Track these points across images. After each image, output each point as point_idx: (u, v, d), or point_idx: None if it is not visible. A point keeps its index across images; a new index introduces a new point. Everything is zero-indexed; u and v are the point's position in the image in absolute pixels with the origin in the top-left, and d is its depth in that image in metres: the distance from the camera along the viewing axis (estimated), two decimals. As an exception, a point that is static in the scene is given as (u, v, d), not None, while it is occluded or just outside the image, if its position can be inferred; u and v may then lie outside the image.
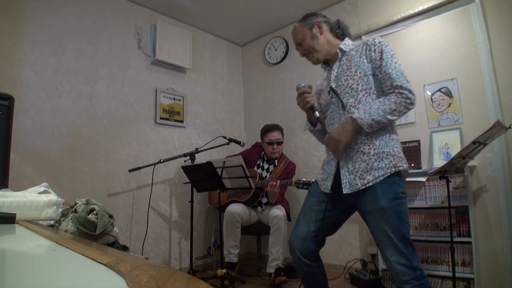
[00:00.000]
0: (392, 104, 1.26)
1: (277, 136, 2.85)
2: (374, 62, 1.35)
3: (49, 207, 1.19)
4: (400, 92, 1.26)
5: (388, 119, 1.26)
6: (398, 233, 1.23)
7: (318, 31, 1.52)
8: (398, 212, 1.25)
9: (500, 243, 2.01)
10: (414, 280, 1.21)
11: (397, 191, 1.27)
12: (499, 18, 2.16)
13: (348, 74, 1.40)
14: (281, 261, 2.49)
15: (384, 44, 1.36)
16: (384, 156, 1.30)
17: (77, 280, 0.43)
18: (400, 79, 1.27)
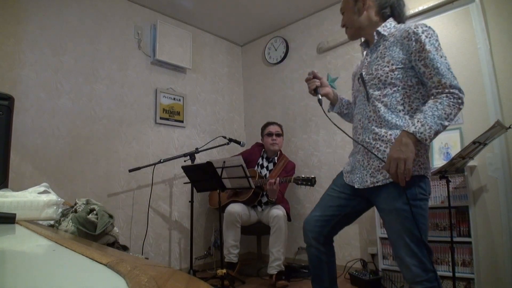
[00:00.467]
0: (446, 108, 1.12)
1: (276, 128, 2.90)
2: (412, 54, 1.21)
3: (49, 207, 1.20)
4: (451, 92, 1.13)
5: (445, 126, 1.13)
6: (413, 235, 1.18)
7: (362, 6, 1.36)
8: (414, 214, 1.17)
9: (500, 243, 2.01)
10: (426, 281, 1.17)
11: (415, 192, 1.19)
12: (499, 18, 2.16)
13: (380, 64, 1.29)
14: (282, 261, 2.49)
15: (428, 33, 1.20)
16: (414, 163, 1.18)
17: (77, 280, 0.43)
18: (449, 75, 1.16)
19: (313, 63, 3.18)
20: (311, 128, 3.18)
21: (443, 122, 1.12)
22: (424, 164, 1.23)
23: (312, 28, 3.24)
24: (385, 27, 1.33)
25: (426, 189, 1.22)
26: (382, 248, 2.40)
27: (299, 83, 3.30)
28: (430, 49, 1.17)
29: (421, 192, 1.20)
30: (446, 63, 1.18)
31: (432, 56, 1.17)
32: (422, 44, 1.18)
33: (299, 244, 3.09)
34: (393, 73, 1.25)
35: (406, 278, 1.22)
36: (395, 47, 1.26)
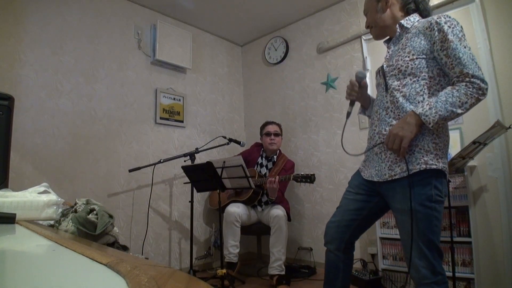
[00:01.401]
0: (463, 96, 1.11)
1: (274, 128, 2.90)
2: (434, 44, 1.19)
3: (49, 207, 1.19)
4: (471, 81, 1.11)
5: (457, 114, 1.13)
6: (425, 237, 1.17)
7: (384, 5, 1.36)
8: (428, 216, 1.16)
9: (500, 243, 2.01)
10: (434, 284, 1.16)
11: (430, 193, 1.16)
12: (499, 18, 2.16)
13: (401, 54, 1.27)
14: (283, 261, 2.49)
15: (451, 23, 1.17)
16: (417, 150, 1.19)
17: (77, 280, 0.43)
18: (472, 65, 1.12)
19: (313, 63, 3.18)
20: (311, 128, 3.18)
21: (455, 109, 1.11)
22: (443, 159, 1.19)
23: (312, 28, 3.25)
24: (408, 20, 1.31)
25: (442, 190, 1.19)
26: (382, 248, 2.40)
27: (299, 83, 3.30)
28: (453, 39, 1.15)
29: (437, 194, 1.17)
30: (470, 54, 1.14)
31: (454, 46, 1.14)
32: (445, 34, 1.16)
33: (299, 244, 3.09)
34: (413, 62, 1.22)
35: (414, 279, 1.21)
36: (417, 38, 1.24)
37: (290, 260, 3.00)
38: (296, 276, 2.66)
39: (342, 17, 3.01)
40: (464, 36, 1.17)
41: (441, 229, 2.17)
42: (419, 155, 1.18)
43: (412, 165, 1.18)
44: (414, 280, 1.21)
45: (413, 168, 1.18)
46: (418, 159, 1.18)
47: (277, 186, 2.49)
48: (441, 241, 2.08)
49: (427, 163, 1.17)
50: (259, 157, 2.95)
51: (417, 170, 1.17)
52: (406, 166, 1.17)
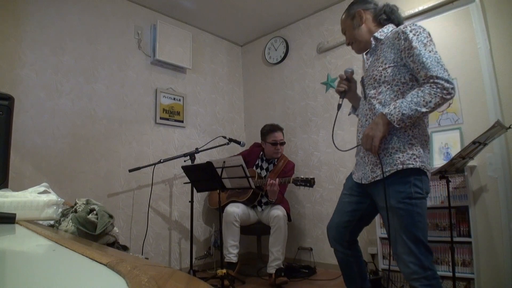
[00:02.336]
0: (427, 96, 1.18)
1: (281, 136, 2.86)
2: (402, 52, 1.27)
3: (49, 207, 1.19)
4: (435, 82, 1.18)
5: (421, 112, 1.19)
6: (409, 233, 1.22)
7: (359, 21, 1.46)
8: (410, 212, 1.22)
9: (500, 243, 2.01)
10: (423, 279, 1.21)
11: (409, 190, 1.23)
12: (499, 18, 2.16)
13: (376, 65, 1.37)
14: (281, 261, 2.49)
15: (416, 31, 1.25)
16: (393, 151, 1.27)
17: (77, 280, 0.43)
18: (436, 68, 1.19)
19: (313, 63, 3.18)
20: (311, 128, 3.18)
21: (419, 108, 1.18)
22: (420, 158, 1.25)
23: (312, 28, 3.24)
24: (381, 32, 1.41)
25: (423, 188, 1.25)
26: (382, 248, 2.40)
27: (299, 83, 3.30)
28: (417, 46, 1.23)
29: (417, 191, 1.24)
30: (435, 57, 1.21)
31: (418, 52, 1.22)
32: (410, 41, 1.24)
33: (299, 244, 3.09)
34: (386, 71, 1.32)
35: (404, 275, 1.26)
36: (388, 48, 1.33)
37: (290, 260, 3.00)
38: (296, 276, 2.66)
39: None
40: (430, 41, 1.25)
41: (441, 229, 2.18)
42: (396, 156, 1.26)
43: (390, 166, 1.27)
44: (405, 276, 1.26)
45: (391, 169, 1.26)
46: (395, 160, 1.26)
47: (277, 189, 2.50)
48: (441, 241, 2.11)
49: (404, 163, 1.24)
50: (258, 159, 2.94)
51: (395, 170, 1.25)
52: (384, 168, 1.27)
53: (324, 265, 2.88)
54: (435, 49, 1.23)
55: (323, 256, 2.92)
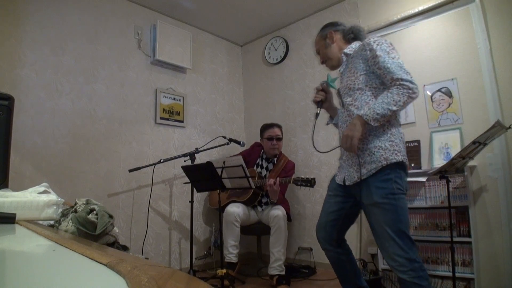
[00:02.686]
0: (395, 96, 1.32)
1: (277, 132, 2.87)
2: (368, 61, 1.44)
3: (49, 207, 1.19)
4: (401, 83, 1.32)
5: (392, 111, 1.32)
6: (394, 227, 1.32)
7: (330, 41, 1.65)
8: (394, 207, 1.32)
9: (500, 243, 2.01)
10: (411, 271, 1.29)
11: (392, 187, 1.34)
12: (499, 18, 2.16)
13: (348, 76, 1.53)
14: (282, 261, 2.49)
15: (378, 42, 1.43)
16: (376, 150, 1.39)
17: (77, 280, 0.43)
18: (400, 72, 1.34)
19: (313, 63, 3.18)
20: (311, 128, 3.18)
21: (390, 107, 1.32)
22: (401, 152, 1.39)
23: (312, 28, 3.24)
24: (350, 48, 1.59)
25: (403, 185, 1.37)
26: (382, 248, 2.40)
27: (299, 83, 3.30)
28: (381, 54, 1.39)
29: (398, 188, 1.35)
30: (398, 62, 1.37)
31: (382, 59, 1.38)
32: (374, 51, 1.41)
33: (299, 244, 3.09)
34: (357, 79, 1.47)
35: (392, 268, 1.34)
36: (357, 59, 1.50)
37: (290, 260, 3.00)
38: (296, 276, 2.66)
39: (342, 17, 3.01)
40: (392, 49, 1.42)
41: (441, 229, 2.19)
42: (379, 154, 1.38)
43: (375, 164, 1.38)
44: (393, 269, 1.35)
45: (376, 166, 1.37)
46: (379, 157, 1.37)
47: (277, 189, 2.49)
48: (441, 241, 2.11)
49: (387, 159, 1.36)
50: (259, 158, 2.95)
51: (380, 167, 1.36)
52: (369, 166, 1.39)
53: (324, 265, 2.88)
54: (397, 56, 1.40)
55: (323, 256, 2.89)
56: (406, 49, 2.57)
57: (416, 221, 2.26)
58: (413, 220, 2.27)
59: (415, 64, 2.50)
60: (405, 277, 1.30)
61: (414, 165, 2.38)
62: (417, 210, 2.26)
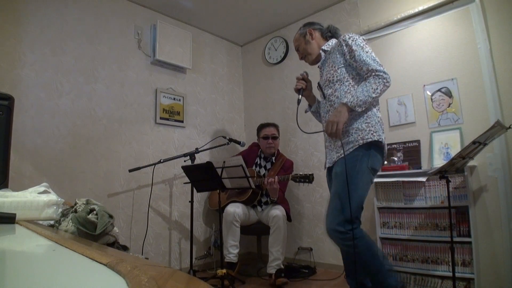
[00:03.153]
0: (373, 84, 1.50)
1: (272, 131, 2.88)
2: (345, 55, 1.61)
3: (49, 207, 1.19)
4: (376, 74, 1.50)
5: (372, 97, 1.50)
6: (342, 197, 1.48)
7: (310, 37, 1.81)
8: (350, 179, 1.48)
9: (500, 243, 2.01)
10: (341, 239, 1.48)
11: (355, 164, 1.51)
12: (499, 18, 2.16)
13: (328, 70, 1.69)
14: (281, 261, 2.49)
15: (353, 38, 1.60)
16: (354, 131, 1.55)
17: (77, 280, 0.43)
18: (374, 63, 1.52)
19: (313, 63, 3.18)
20: (310, 128, 3.17)
21: (370, 94, 1.49)
22: (377, 133, 1.54)
23: (312, 28, 3.24)
24: (328, 45, 1.76)
25: (369, 163, 1.51)
26: (382, 248, 2.40)
27: (299, 83, 3.29)
28: (356, 49, 1.57)
29: (364, 165, 1.51)
30: (371, 56, 1.55)
31: (358, 53, 1.56)
32: (350, 46, 1.59)
33: (299, 244, 3.09)
34: (336, 72, 1.64)
35: (326, 227, 1.53)
36: (335, 54, 1.67)
37: (290, 260, 3.00)
38: (296, 276, 2.66)
39: (342, 17, 3.01)
40: (365, 44, 1.59)
41: (441, 229, 2.20)
42: (356, 134, 1.54)
43: (352, 143, 1.54)
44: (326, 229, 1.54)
45: (354, 145, 1.53)
46: (356, 137, 1.53)
47: (277, 186, 2.50)
48: (441, 241, 2.12)
49: (364, 138, 1.52)
50: (257, 158, 2.95)
51: (357, 146, 1.52)
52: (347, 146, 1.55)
53: (324, 265, 2.88)
54: (370, 50, 1.58)
55: (323, 256, 2.92)
56: (406, 49, 2.57)
57: (416, 221, 2.26)
58: (413, 220, 2.28)
59: (415, 64, 2.51)
60: (338, 242, 1.51)
61: (414, 165, 2.38)
62: (417, 210, 2.26)
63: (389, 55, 2.66)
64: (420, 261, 2.21)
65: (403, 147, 2.49)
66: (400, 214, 2.34)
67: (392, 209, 2.37)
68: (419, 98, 2.47)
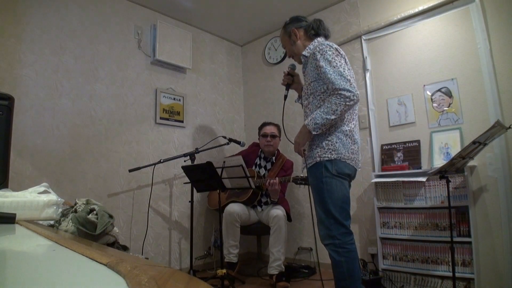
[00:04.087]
0: (333, 105, 1.46)
1: (271, 129, 2.86)
2: (316, 69, 1.57)
3: (49, 207, 1.19)
4: (338, 93, 1.46)
5: (331, 119, 1.48)
6: (322, 206, 1.54)
7: (294, 37, 1.76)
8: (321, 190, 1.54)
9: (500, 243, 2.01)
10: (331, 245, 1.52)
11: (321, 171, 1.55)
12: (499, 18, 2.16)
13: (306, 80, 1.68)
14: (282, 261, 2.49)
15: (323, 51, 1.54)
16: (314, 147, 1.59)
17: (77, 280, 0.43)
18: (338, 81, 1.46)
19: (313, 63, 3.18)
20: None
21: (328, 116, 1.47)
22: (336, 151, 1.55)
23: (312, 28, 3.24)
24: (308, 49, 1.67)
25: (333, 170, 1.54)
26: (382, 248, 2.40)
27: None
28: (323, 64, 1.52)
29: (326, 174, 1.54)
30: (338, 71, 1.48)
31: (324, 70, 1.51)
32: (318, 61, 1.54)
33: (299, 244, 3.09)
34: (310, 86, 1.62)
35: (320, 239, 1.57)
36: (310, 66, 1.63)
37: (290, 260, 3.00)
38: (296, 276, 2.66)
39: (342, 17, 3.01)
40: (335, 56, 1.52)
41: (441, 229, 2.20)
42: (315, 151, 1.58)
43: (312, 159, 1.59)
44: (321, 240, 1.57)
45: (312, 161, 1.59)
46: (315, 154, 1.58)
47: (278, 188, 2.50)
48: (441, 241, 2.12)
49: (321, 156, 1.56)
50: (257, 158, 2.95)
51: (314, 162, 1.58)
52: (310, 160, 1.60)
53: (324, 265, 2.88)
54: (339, 63, 1.51)
55: (323, 256, 2.91)
56: (406, 49, 2.57)
57: (416, 221, 2.26)
58: (413, 220, 2.28)
59: (415, 64, 2.51)
60: (327, 249, 1.53)
61: (414, 165, 2.38)
62: (417, 210, 2.26)
63: (389, 55, 2.66)
64: (420, 261, 2.21)
65: (403, 147, 2.49)
66: (400, 214, 2.34)
67: (392, 209, 2.37)
68: (419, 98, 2.47)
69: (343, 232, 1.51)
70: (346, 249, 1.49)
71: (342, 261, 1.48)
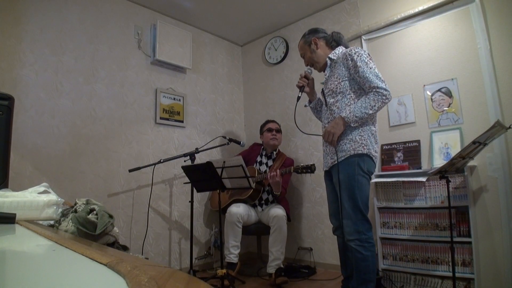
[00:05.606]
0: (371, 101, 1.60)
1: (276, 125, 3.00)
2: (350, 69, 1.69)
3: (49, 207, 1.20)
4: (377, 91, 1.60)
5: (369, 114, 1.61)
6: (351, 202, 1.61)
7: (315, 47, 1.87)
8: (352, 187, 1.62)
9: (500, 243, 2.01)
10: (357, 240, 1.60)
11: (354, 168, 1.62)
12: (499, 18, 2.16)
13: (332, 80, 1.77)
14: (281, 260, 2.49)
15: (358, 53, 1.67)
16: (347, 142, 1.67)
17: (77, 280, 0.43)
18: (376, 80, 1.60)
19: (313, 63, 3.18)
20: (311, 128, 3.18)
21: (367, 111, 1.60)
22: (367, 146, 1.65)
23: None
24: (334, 53, 1.82)
25: (364, 168, 1.63)
26: (382, 248, 2.40)
27: (299, 83, 3.29)
28: (361, 65, 1.64)
29: (359, 171, 1.62)
30: (374, 72, 1.63)
31: (362, 70, 1.64)
32: (355, 62, 1.66)
33: (299, 244, 3.09)
34: (340, 84, 1.72)
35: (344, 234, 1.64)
36: (340, 66, 1.74)
37: (290, 260, 3.00)
38: (296, 276, 2.66)
39: (342, 17, 3.01)
40: (369, 60, 1.67)
41: (441, 229, 2.20)
42: (349, 145, 1.66)
43: (344, 152, 1.67)
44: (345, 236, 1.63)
45: (345, 154, 1.66)
46: (348, 147, 1.66)
47: (280, 179, 2.50)
48: (441, 241, 2.12)
49: (355, 150, 1.64)
50: (259, 156, 2.96)
51: (348, 155, 1.65)
52: (340, 154, 1.68)
53: (324, 265, 2.88)
54: (374, 66, 1.65)
55: (323, 256, 2.92)
56: (406, 49, 2.57)
57: (416, 221, 2.26)
58: (413, 220, 2.28)
59: (415, 64, 2.51)
60: (352, 244, 1.60)
61: (414, 165, 2.38)
62: (417, 210, 2.26)
63: (389, 55, 2.66)
64: (420, 261, 2.21)
65: (403, 147, 2.49)
66: (400, 214, 2.34)
67: (392, 209, 2.37)
68: (419, 98, 2.47)
69: (368, 227, 1.62)
70: (371, 244, 1.60)
71: (369, 255, 1.58)
